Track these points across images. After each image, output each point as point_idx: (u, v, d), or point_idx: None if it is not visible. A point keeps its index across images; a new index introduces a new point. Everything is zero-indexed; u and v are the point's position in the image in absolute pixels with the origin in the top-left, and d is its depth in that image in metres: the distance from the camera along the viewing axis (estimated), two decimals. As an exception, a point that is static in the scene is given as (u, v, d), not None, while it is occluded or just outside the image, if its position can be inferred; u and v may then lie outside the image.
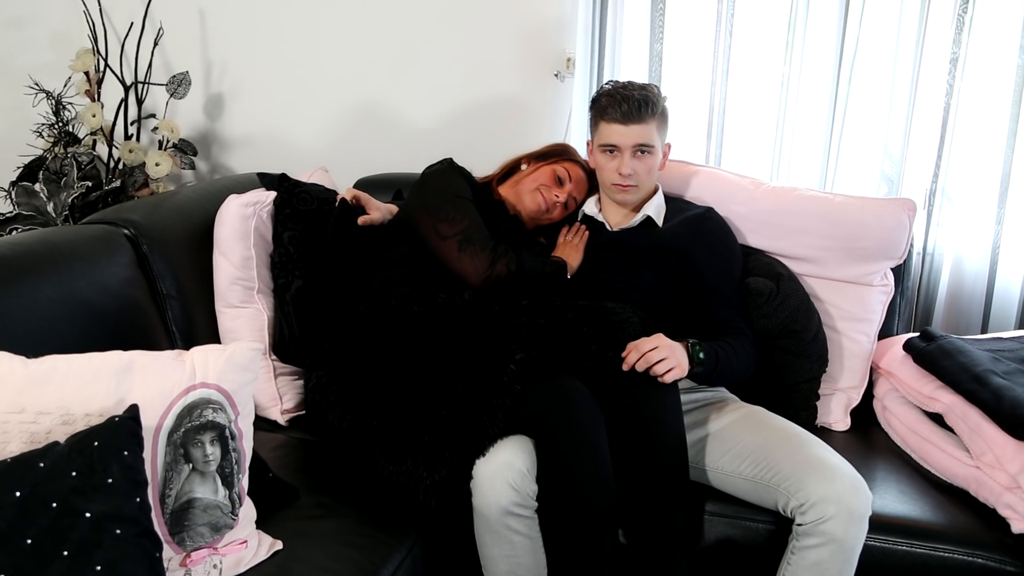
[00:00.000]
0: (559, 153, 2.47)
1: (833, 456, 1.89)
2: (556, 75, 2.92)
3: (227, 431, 1.60)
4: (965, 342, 2.24)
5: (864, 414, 2.41)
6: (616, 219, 2.37)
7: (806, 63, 2.72)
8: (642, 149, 2.23)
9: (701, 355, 2.02)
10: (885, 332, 2.47)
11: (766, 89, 2.79)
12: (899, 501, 2.00)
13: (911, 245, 2.44)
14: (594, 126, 2.30)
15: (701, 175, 2.54)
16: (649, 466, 1.88)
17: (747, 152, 2.85)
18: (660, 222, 2.34)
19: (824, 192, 2.57)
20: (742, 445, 1.99)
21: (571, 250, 2.33)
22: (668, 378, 1.92)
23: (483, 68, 3.03)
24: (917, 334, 2.34)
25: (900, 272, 2.48)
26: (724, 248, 2.32)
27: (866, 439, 2.33)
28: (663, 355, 1.93)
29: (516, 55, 2.98)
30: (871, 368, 2.44)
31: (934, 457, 2.12)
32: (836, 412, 2.38)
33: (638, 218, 2.32)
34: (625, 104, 2.20)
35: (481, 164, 2.51)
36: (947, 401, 2.11)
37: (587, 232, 2.38)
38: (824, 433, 2.30)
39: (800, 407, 2.30)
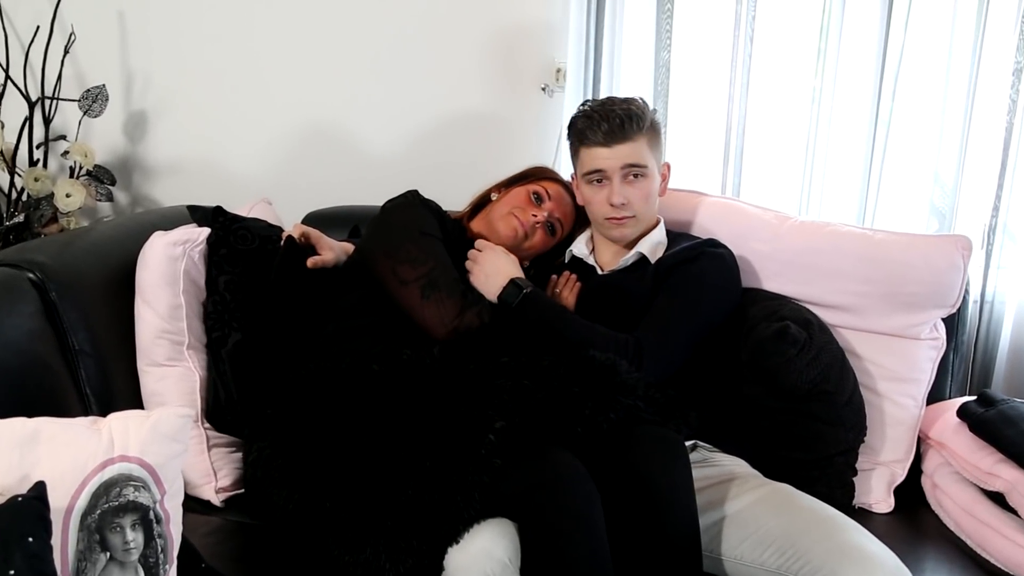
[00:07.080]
0: (532, 173, 2.53)
1: (873, 543, 1.91)
2: (544, 89, 2.98)
3: (151, 513, 1.62)
4: (1031, 407, 2.27)
5: (910, 493, 2.42)
6: (607, 259, 2.43)
7: (841, 74, 2.77)
8: (634, 171, 2.28)
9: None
10: (935, 395, 2.48)
11: (793, 105, 2.84)
12: (952, 596, 2.03)
13: (966, 291, 2.47)
14: (575, 155, 2.36)
15: (715, 207, 2.59)
16: (655, 554, 1.90)
17: (771, 180, 2.90)
18: (654, 260, 2.37)
19: (863, 228, 2.61)
20: (765, 530, 2.00)
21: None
22: None
23: (457, 81, 3.08)
24: (974, 398, 2.37)
25: (953, 323, 2.50)
26: (695, 291, 2.29)
27: (913, 522, 2.35)
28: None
29: (496, 66, 3.03)
30: (919, 438, 2.45)
31: (994, 544, 2.14)
32: (877, 490, 2.39)
33: (629, 257, 2.37)
34: (606, 122, 2.26)
35: (454, 195, 2.56)
36: (1009, 477, 2.14)
37: (578, 283, 2.42)
38: (863, 515, 2.31)
39: (834, 484, 2.30)
